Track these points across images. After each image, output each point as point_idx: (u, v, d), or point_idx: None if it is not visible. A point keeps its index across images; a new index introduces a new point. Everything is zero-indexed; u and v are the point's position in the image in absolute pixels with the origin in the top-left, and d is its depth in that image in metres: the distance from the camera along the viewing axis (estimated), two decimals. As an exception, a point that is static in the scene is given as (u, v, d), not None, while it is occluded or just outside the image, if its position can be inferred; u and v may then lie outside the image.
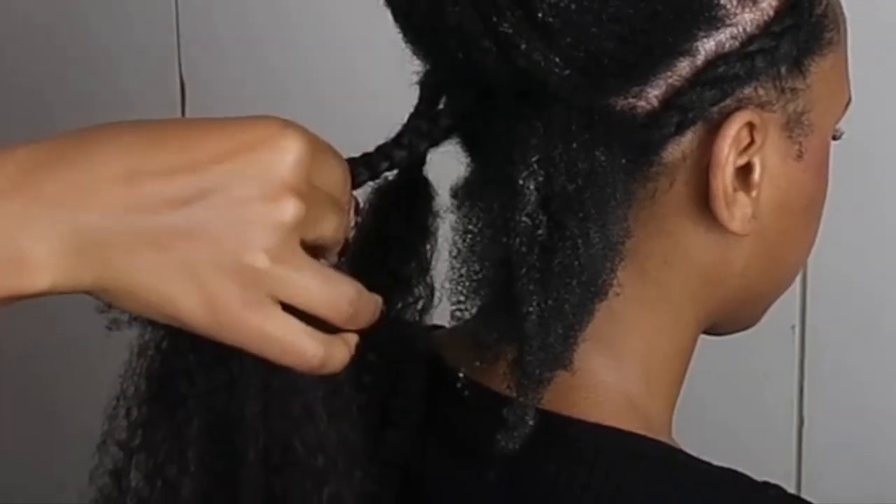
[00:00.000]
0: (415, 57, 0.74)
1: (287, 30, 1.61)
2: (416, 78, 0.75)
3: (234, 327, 0.65)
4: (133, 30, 1.69)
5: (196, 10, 1.66)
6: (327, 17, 1.57)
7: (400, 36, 0.73)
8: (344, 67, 1.56)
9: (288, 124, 0.65)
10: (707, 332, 0.81)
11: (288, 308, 0.66)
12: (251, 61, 1.63)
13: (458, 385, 0.77)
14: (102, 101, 1.70)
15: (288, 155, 0.64)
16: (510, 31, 0.68)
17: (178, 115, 1.66)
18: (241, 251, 0.64)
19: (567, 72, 0.68)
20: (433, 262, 0.78)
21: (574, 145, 0.70)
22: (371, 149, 0.74)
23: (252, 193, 0.64)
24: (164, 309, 0.65)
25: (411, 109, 0.75)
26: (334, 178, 0.67)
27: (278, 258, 0.64)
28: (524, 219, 0.70)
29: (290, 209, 0.64)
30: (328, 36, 1.58)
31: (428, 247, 0.78)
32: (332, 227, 0.67)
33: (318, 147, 0.66)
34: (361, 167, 0.72)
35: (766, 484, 0.75)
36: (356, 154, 0.73)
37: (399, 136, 0.74)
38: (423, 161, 0.77)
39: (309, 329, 0.66)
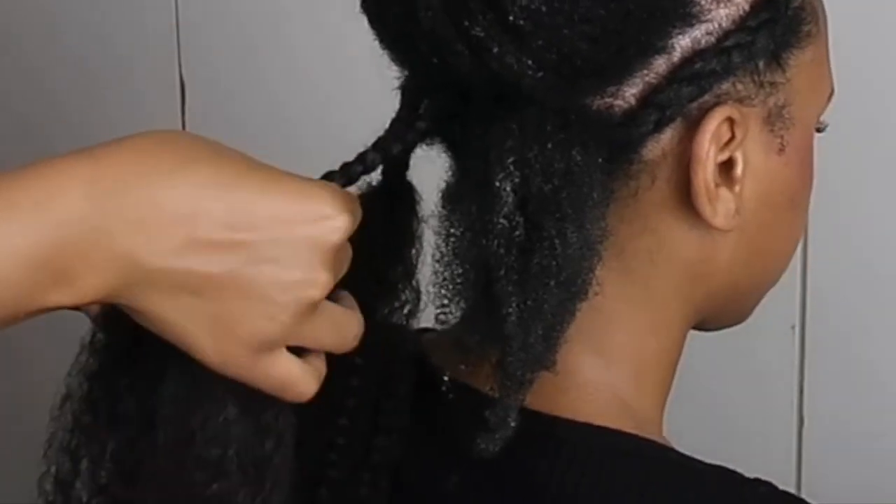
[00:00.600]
0: (392, 62, 0.74)
1: (287, 30, 1.61)
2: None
3: (241, 372, 0.69)
4: (133, 30, 1.69)
5: (196, 10, 1.66)
6: (327, 18, 1.57)
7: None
8: (343, 68, 1.56)
9: (345, 203, 0.68)
10: (697, 327, 0.82)
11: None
12: (251, 62, 1.63)
13: (444, 387, 0.77)
14: (102, 102, 1.70)
15: (337, 235, 0.68)
16: (482, 34, 0.68)
17: (178, 115, 1.66)
18: (269, 314, 0.67)
19: (540, 73, 0.69)
20: (419, 267, 0.78)
21: (549, 146, 0.70)
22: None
23: (296, 263, 0.67)
24: (179, 341, 0.68)
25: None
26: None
27: (301, 319, 0.68)
28: (501, 220, 0.70)
29: (323, 282, 0.68)
30: (328, 36, 1.58)
31: (413, 251, 0.79)
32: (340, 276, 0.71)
33: (356, 216, 0.69)
34: (337, 174, 0.73)
35: (757, 481, 0.75)
36: (359, 151, 0.74)
37: (375, 141, 0.75)
38: (406, 166, 0.78)
39: (305, 366, 0.70)
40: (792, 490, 0.78)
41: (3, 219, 0.63)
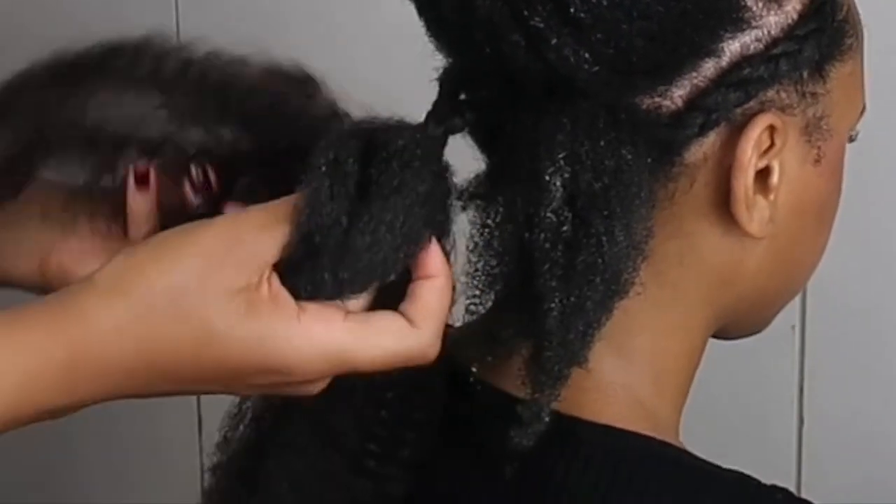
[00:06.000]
0: (438, 51, 0.74)
1: (288, 30, 1.61)
2: (419, 80, 0.75)
3: None
4: (133, 30, 1.69)
5: (196, 10, 1.66)
6: (328, 18, 1.57)
7: (399, 35, 0.73)
8: (345, 68, 1.55)
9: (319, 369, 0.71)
10: (716, 335, 0.81)
11: None
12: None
13: (471, 381, 0.77)
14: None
15: (311, 390, 0.72)
16: (541, 25, 0.68)
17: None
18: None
19: (596, 68, 0.69)
20: (453, 259, 0.78)
21: (601, 143, 0.70)
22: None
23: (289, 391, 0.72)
24: None
25: (419, 109, 0.75)
26: None
27: None
28: (549, 215, 0.70)
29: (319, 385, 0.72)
30: (329, 37, 1.58)
31: (447, 243, 0.78)
32: None
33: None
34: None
35: (774, 487, 0.76)
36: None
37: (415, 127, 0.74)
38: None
39: None
40: (792, 490, 0.78)
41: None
